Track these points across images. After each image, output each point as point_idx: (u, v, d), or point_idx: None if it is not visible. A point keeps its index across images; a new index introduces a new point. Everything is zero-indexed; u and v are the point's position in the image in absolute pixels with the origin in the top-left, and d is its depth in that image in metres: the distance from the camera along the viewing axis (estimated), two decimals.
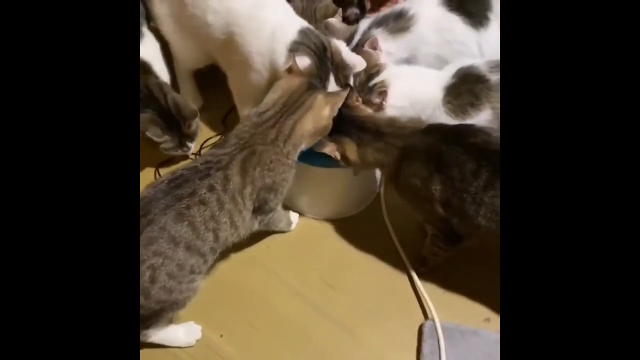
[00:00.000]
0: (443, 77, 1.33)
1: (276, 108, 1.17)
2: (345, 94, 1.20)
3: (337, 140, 1.20)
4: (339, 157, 1.20)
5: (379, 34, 1.45)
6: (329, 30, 1.55)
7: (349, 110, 1.23)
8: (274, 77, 1.31)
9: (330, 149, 1.19)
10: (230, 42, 1.38)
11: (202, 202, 1.05)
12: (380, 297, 1.30)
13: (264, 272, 1.33)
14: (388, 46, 1.45)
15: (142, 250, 0.99)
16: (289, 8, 1.42)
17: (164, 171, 1.52)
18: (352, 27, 1.54)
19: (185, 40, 1.49)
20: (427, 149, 1.13)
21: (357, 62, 1.34)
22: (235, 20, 1.37)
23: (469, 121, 1.26)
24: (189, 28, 1.45)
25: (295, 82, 1.20)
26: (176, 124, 1.42)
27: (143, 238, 1.00)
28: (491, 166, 1.06)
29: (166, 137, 1.41)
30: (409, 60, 1.47)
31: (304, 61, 1.28)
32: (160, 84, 1.43)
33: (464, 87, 1.29)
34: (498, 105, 1.25)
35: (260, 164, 1.12)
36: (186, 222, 1.04)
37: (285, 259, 1.36)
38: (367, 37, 1.44)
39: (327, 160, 1.32)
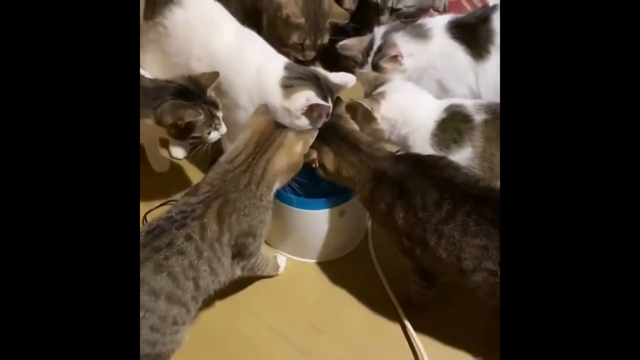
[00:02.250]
0: (438, 108, 1.33)
1: (248, 150, 1.18)
2: (316, 133, 1.21)
3: (318, 148, 1.22)
4: (317, 165, 1.22)
5: (399, 38, 1.48)
6: (345, 49, 1.57)
7: (336, 119, 1.27)
8: None
9: (312, 156, 1.21)
10: (216, 86, 1.40)
11: (180, 252, 1.06)
12: (370, 340, 1.28)
13: (251, 318, 1.32)
14: (409, 48, 1.47)
15: None
16: (268, 46, 1.45)
17: (151, 218, 1.51)
18: (364, 38, 1.55)
19: None
20: (394, 175, 1.14)
21: (348, 80, 1.37)
22: (219, 64, 1.39)
23: (450, 157, 1.27)
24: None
25: (261, 121, 1.22)
26: (196, 97, 1.33)
27: None
28: (453, 199, 1.06)
29: (199, 110, 1.30)
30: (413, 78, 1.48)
31: (308, 95, 1.30)
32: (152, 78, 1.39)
33: (451, 123, 1.30)
34: (478, 144, 1.26)
35: (236, 210, 1.13)
36: (165, 273, 1.04)
37: (273, 303, 1.35)
38: (388, 42, 1.47)
39: (312, 203, 1.33)
